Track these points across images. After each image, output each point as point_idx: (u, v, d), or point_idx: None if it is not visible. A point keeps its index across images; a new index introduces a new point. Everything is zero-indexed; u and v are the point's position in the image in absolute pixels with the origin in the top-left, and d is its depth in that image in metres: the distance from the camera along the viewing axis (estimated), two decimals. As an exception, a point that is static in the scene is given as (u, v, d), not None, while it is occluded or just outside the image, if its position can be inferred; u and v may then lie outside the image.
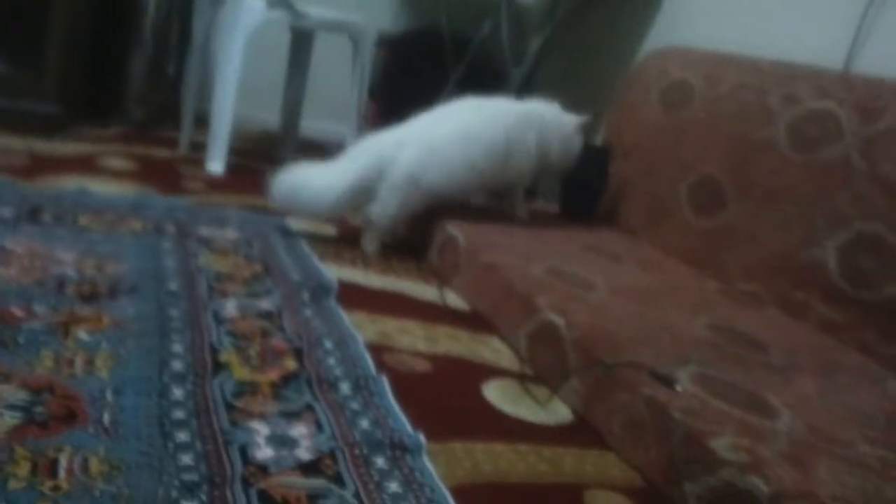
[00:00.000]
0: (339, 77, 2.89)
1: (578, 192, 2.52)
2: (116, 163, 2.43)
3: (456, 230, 2.03)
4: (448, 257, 2.01)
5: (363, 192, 2.02)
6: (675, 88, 2.41)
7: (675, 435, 1.23)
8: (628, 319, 1.60)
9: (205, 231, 1.94)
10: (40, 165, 2.22)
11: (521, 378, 1.52)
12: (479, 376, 1.50)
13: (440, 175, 2.04)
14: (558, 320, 1.54)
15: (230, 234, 1.97)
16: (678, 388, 1.31)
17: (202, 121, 2.69)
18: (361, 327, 1.58)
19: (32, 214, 1.80)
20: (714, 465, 1.15)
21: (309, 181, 2.03)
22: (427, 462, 1.15)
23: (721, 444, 1.17)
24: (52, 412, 1.08)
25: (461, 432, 1.27)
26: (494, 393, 1.45)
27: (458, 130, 2.08)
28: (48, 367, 1.19)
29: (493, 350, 1.64)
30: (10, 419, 1.05)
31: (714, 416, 1.25)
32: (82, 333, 1.31)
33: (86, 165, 2.33)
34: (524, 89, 2.85)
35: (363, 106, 2.91)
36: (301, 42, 2.92)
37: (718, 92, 2.25)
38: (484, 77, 2.88)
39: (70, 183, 2.10)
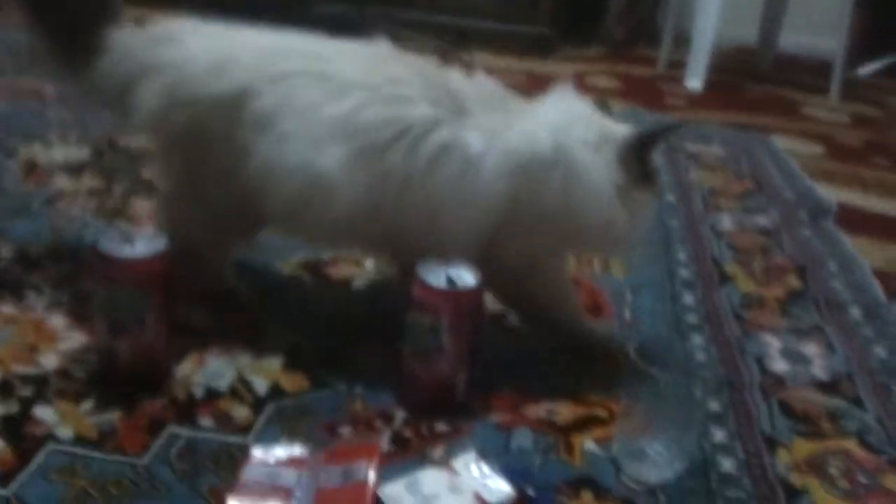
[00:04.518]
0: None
1: None
2: (602, 81, 2.56)
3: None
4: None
5: None
6: None
7: None
8: None
9: (691, 146, 1.96)
10: (536, 84, 2.42)
11: None
12: None
13: None
14: None
15: (716, 150, 1.96)
16: None
17: (679, 38, 2.69)
18: (865, 253, 1.48)
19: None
20: None
21: None
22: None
23: None
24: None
25: None
26: None
27: None
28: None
29: None
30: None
31: None
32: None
33: (575, 84, 2.48)
34: None
35: (851, 18, 2.65)
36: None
37: None
38: None
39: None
